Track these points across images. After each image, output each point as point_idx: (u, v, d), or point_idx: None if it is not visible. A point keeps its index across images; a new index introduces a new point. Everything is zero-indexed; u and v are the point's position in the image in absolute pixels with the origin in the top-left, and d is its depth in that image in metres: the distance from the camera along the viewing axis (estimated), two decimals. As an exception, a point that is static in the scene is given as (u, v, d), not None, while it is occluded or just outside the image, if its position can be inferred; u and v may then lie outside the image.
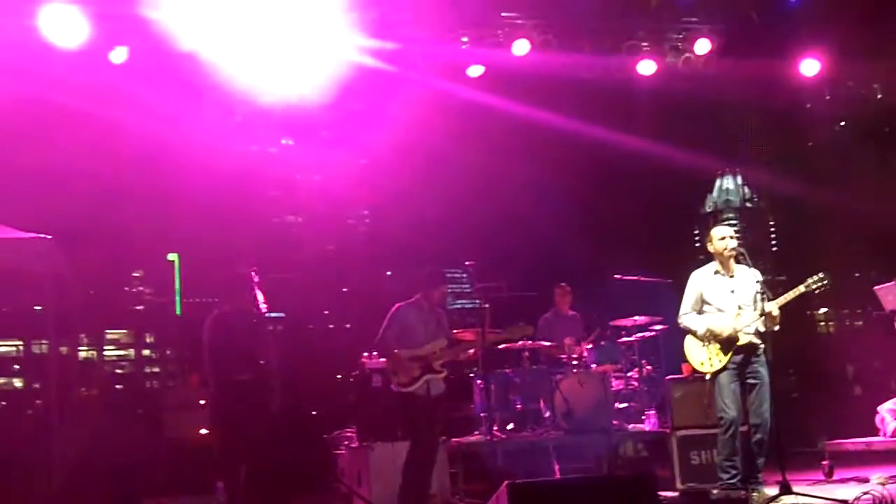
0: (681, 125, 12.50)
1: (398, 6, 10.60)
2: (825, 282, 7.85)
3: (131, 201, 11.51)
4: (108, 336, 14.96)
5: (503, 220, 12.70)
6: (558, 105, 11.92)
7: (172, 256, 13.32)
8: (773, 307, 7.83)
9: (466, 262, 9.69)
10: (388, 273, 14.31)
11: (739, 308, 8.03)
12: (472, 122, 12.17)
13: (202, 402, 9.79)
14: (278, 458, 9.69)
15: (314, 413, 12.45)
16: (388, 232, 13.95)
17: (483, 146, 12.33)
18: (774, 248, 14.32)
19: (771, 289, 8.01)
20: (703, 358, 8.11)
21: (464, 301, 13.75)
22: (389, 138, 12.41)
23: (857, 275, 12.13)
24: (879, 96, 12.89)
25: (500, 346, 10.40)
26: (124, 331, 15.34)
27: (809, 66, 11.98)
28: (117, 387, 14.04)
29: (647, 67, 11.83)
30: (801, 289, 7.89)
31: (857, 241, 11.98)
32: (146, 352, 15.08)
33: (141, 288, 15.02)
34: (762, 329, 7.92)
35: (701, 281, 8.28)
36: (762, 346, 8.00)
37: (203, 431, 9.71)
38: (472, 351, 9.41)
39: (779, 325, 7.93)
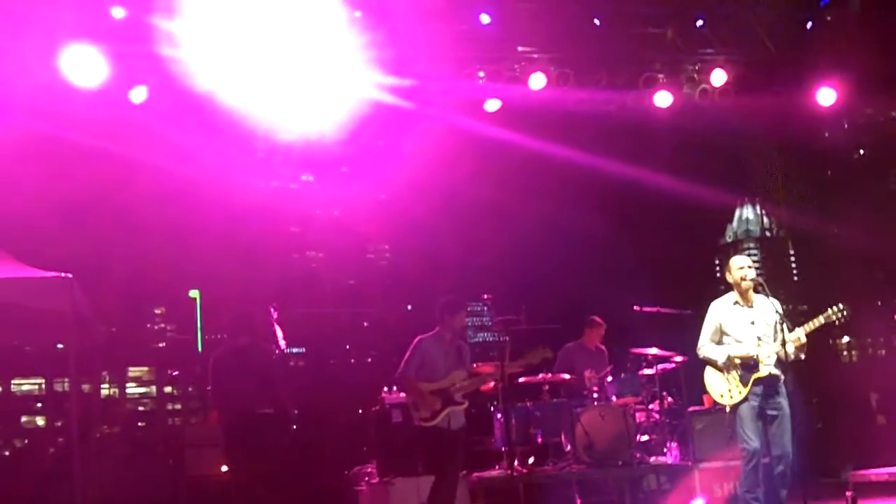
0: (698, 157, 12.50)
1: (415, 43, 10.66)
2: (844, 313, 7.80)
3: (152, 239, 11.62)
4: (131, 373, 15.04)
5: (522, 254, 12.72)
6: (576, 138, 11.98)
7: (194, 293, 13.40)
8: (800, 334, 7.81)
9: (485, 296, 9.69)
10: (409, 307, 14.33)
11: (759, 339, 8.00)
12: (490, 157, 12.24)
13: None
14: (296, 492, 9.73)
15: (334, 448, 12.43)
16: (407, 266, 14.02)
17: (501, 180, 12.39)
18: (795, 278, 14.24)
19: (792, 319, 7.97)
20: (724, 390, 8.05)
21: (485, 334, 13.74)
22: (408, 173, 12.47)
23: (879, 303, 12.02)
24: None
25: (519, 380, 10.36)
26: (146, 368, 15.40)
27: (826, 96, 11.98)
28: (139, 424, 14.07)
29: (663, 99, 11.87)
30: (821, 320, 7.84)
31: (879, 270, 11.88)
32: (168, 388, 15.13)
33: (163, 325, 15.10)
34: (785, 359, 7.87)
35: (720, 311, 8.24)
36: (782, 377, 7.95)
37: (224, 468, 9.72)
38: (492, 383, 9.40)
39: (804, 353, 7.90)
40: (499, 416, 10.45)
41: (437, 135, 11.84)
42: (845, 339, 14.08)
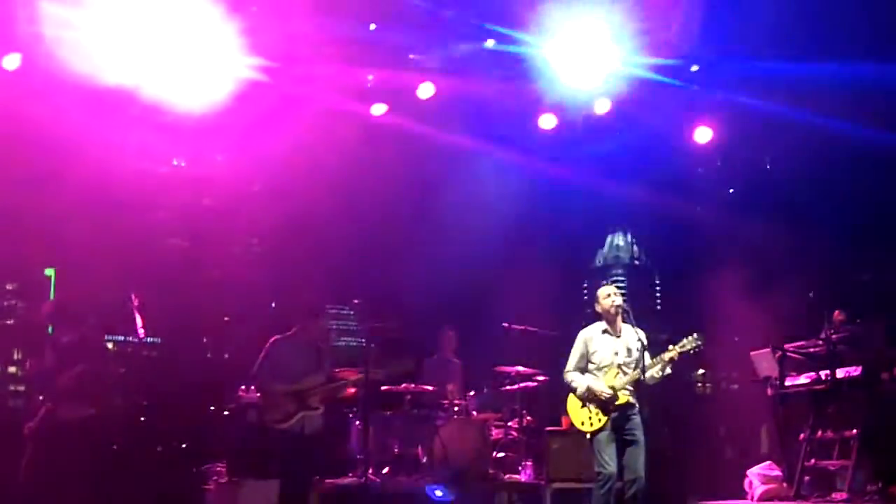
0: (577, 180, 12.66)
1: (299, 33, 10.54)
2: (699, 343, 8.01)
3: (16, 214, 11.06)
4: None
5: (397, 260, 12.62)
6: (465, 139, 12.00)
7: (49, 272, 12.90)
8: (655, 371, 7.98)
9: (355, 301, 9.59)
10: (273, 304, 14.04)
11: (619, 368, 8.13)
12: (372, 156, 12.11)
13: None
14: (139, 488, 9.42)
15: (183, 444, 12.10)
16: (275, 263, 13.72)
17: (383, 180, 12.26)
18: (658, 307, 14.57)
19: (654, 347, 8.12)
20: (584, 418, 8.17)
21: (348, 339, 13.58)
22: (284, 168, 12.24)
23: (735, 339, 12.39)
24: (768, 167, 13.28)
25: (382, 388, 10.29)
26: (-10, 345, 14.73)
27: (703, 133, 12.30)
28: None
29: (548, 121, 12.01)
30: (677, 349, 8.03)
31: (737, 306, 12.24)
32: (12, 369, 14.48)
33: (14, 301, 14.46)
34: (644, 387, 8.03)
35: (588, 339, 8.35)
36: (638, 406, 8.11)
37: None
38: (352, 390, 9.29)
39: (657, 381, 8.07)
40: (357, 422, 10.35)
41: (317, 129, 11.66)
42: (700, 371, 14.45)
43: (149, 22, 10.00)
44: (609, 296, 8.29)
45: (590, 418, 8.12)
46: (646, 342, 8.07)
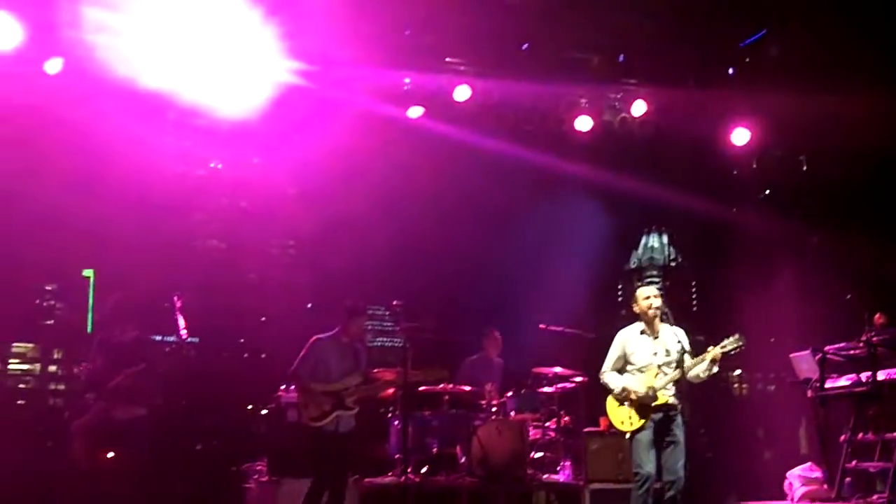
0: (614, 181, 12.66)
1: (338, 36, 10.61)
2: (741, 343, 8.00)
3: (52, 215, 11.18)
4: (14, 349, 14.50)
5: (433, 261, 12.66)
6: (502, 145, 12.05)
7: (88, 272, 13.01)
8: (700, 371, 7.98)
9: (394, 302, 9.65)
10: (309, 305, 14.10)
11: (659, 368, 8.13)
12: (412, 159, 12.17)
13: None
14: (180, 486, 9.51)
15: (223, 443, 12.19)
16: (311, 264, 13.79)
17: (419, 186, 12.32)
18: (695, 309, 14.51)
19: (690, 348, 8.12)
20: (624, 417, 8.19)
21: (384, 339, 13.63)
22: (321, 170, 12.32)
23: (772, 340, 12.33)
24: (805, 168, 13.23)
25: (420, 388, 10.33)
26: (31, 345, 14.87)
27: (740, 135, 12.28)
28: (19, 402, 13.55)
29: (583, 123, 12.04)
30: (718, 350, 8.02)
31: (774, 307, 12.19)
32: (52, 368, 14.62)
33: (53, 302, 14.61)
34: (685, 388, 8.02)
35: (625, 340, 8.37)
36: (679, 406, 8.10)
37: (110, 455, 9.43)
38: (390, 390, 9.37)
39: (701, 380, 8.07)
40: (396, 422, 10.41)
41: (355, 132, 11.74)
42: (737, 372, 14.38)
43: (188, 26, 10.10)
44: (648, 297, 8.29)
45: (630, 417, 8.13)
46: (687, 342, 8.08)
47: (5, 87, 9.95)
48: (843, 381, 9.66)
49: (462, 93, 11.41)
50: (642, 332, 8.30)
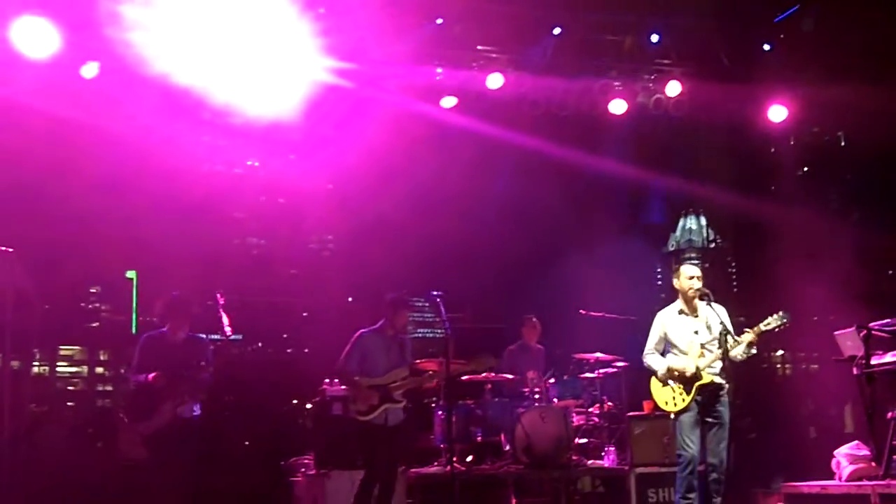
0: (650, 165, 12.62)
1: (371, 31, 10.65)
2: (785, 320, 7.95)
3: (93, 217, 11.33)
4: (62, 352, 14.71)
5: (470, 252, 12.69)
6: (535, 136, 12.04)
7: (131, 274, 13.15)
8: (740, 351, 7.93)
9: (434, 293, 9.66)
10: (350, 299, 14.19)
11: (702, 347, 8.11)
12: (445, 152, 12.21)
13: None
14: (229, 482, 9.61)
15: (269, 438, 12.31)
16: (350, 258, 13.86)
17: (453, 177, 12.35)
18: (735, 290, 14.43)
19: (734, 329, 8.09)
20: (668, 397, 8.17)
21: (425, 330, 13.69)
22: (357, 164, 12.38)
23: (814, 318, 12.24)
24: (843, 144, 13.10)
25: (462, 378, 10.38)
26: (78, 347, 15.07)
27: (777, 112, 12.18)
28: (69, 404, 13.75)
29: (618, 107, 11.99)
30: (761, 326, 7.98)
31: (815, 286, 12.08)
32: (99, 369, 14.82)
33: (98, 304, 14.79)
34: (729, 366, 7.97)
35: (665, 321, 8.36)
36: (726, 385, 8.07)
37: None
38: (434, 381, 9.40)
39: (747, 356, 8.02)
40: (440, 412, 10.47)
41: (389, 128, 11.78)
42: (779, 352, 14.28)
43: (225, 24, 10.13)
44: (692, 277, 8.26)
45: (673, 398, 8.13)
46: (729, 321, 8.05)
47: (44, 93, 10.05)
48: (890, 357, 9.54)
49: (495, 81, 11.39)
50: (680, 312, 8.30)
